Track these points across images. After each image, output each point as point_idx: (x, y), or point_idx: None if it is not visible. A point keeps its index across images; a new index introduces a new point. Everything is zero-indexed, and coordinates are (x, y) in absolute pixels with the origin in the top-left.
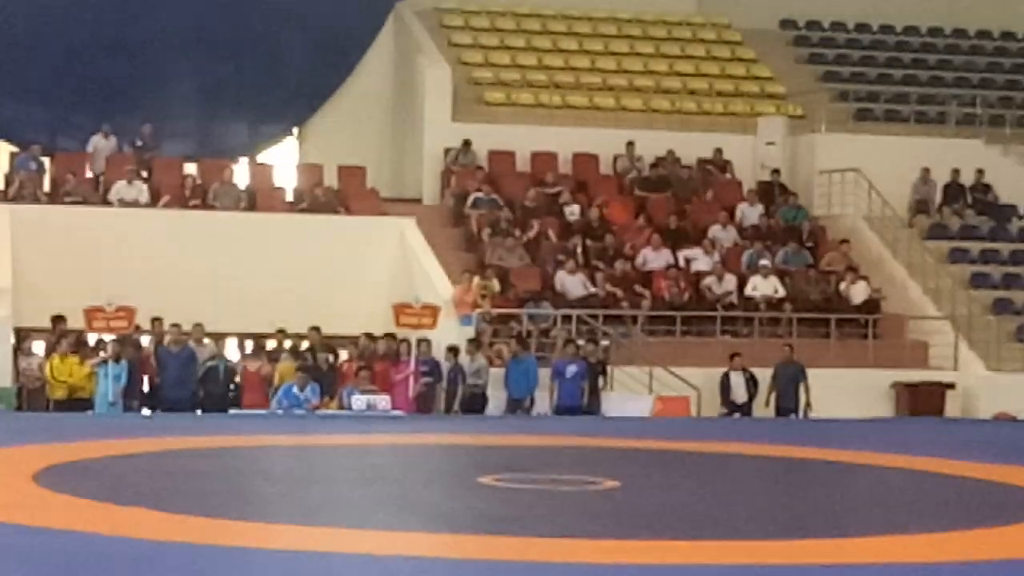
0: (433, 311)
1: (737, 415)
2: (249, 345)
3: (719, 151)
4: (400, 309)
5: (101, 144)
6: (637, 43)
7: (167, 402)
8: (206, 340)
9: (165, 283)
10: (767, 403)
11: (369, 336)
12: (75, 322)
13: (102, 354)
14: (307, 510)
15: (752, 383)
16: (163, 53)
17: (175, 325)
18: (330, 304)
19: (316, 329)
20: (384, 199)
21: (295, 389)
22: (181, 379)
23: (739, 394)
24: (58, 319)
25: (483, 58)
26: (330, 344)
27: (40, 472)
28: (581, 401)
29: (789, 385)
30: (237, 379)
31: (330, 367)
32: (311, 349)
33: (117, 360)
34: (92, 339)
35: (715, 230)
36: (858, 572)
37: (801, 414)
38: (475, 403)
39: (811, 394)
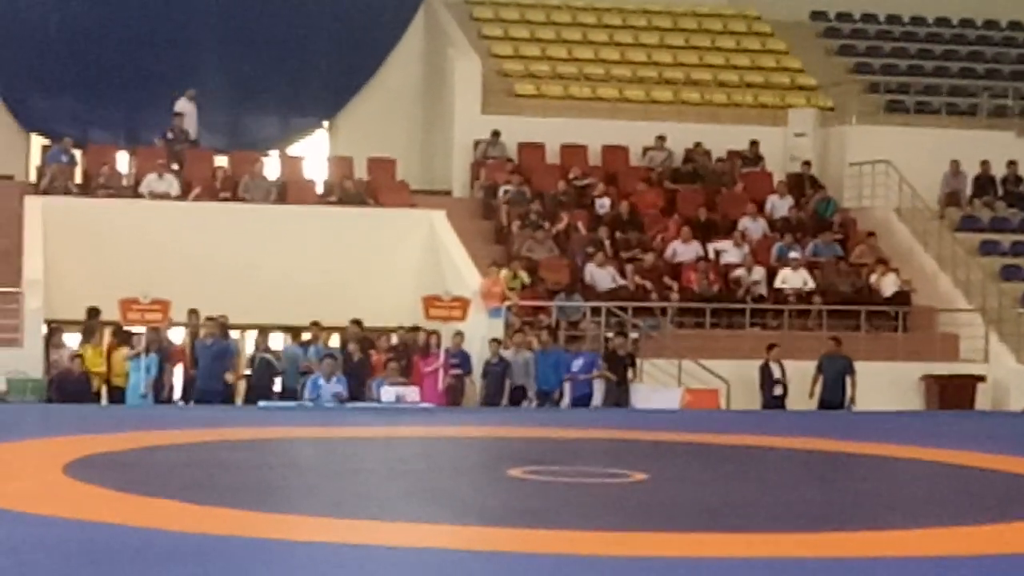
0: (463, 303)
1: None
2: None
3: (755, 143)
4: (430, 301)
5: (188, 108)
6: (667, 35)
7: (198, 394)
8: (246, 333)
9: (195, 275)
10: (811, 395)
11: (401, 328)
12: (107, 314)
13: (134, 347)
14: (336, 502)
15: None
16: (194, 47)
17: (210, 318)
18: (360, 296)
19: (357, 322)
20: (414, 191)
21: (321, 380)
22: (213, 372)
23: (778, 385)
24: (93, 311)
25: (513, 50)
26: (367, 337)
27: (70, 464)
28: (590, 391)
29: (837, 378)
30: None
31: (361, 360)
32: (343, 342)
33: (148, 353)
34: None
35: (745, 222)
36: (888, 565)
37: (847, 407)
38: (515, 396)
39: (857, 388)
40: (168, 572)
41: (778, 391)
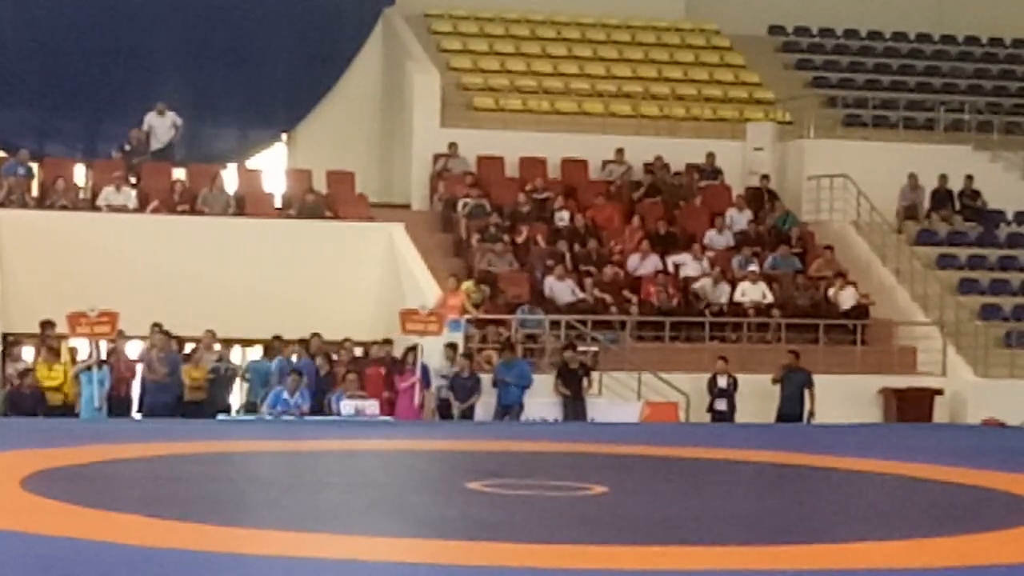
0: (440, 317)
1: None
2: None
3: (711, 156)
4: (407, 315)
5: (157, 122)
6: (626, 49)
7: (148, 407)
8: (216, 346)
9: (154, 288)
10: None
11: (351, 341)
12: (63, 327)
13: (86, 359)
14: (296, 516)
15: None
16: (153, 59)
17: (162, 332)
18: (319, 309)
19: (318, 335)
20: (373, 204)
21: (285, 394)
22: (163, 384)
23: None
24: (47, 324)
25: (472, 64)
26: (326, 350)
27: (28, 477)
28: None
29: (796, 392)
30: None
31: (327, 373)
32: (302, 355)
33: (100, 366)
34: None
35: (705, 235)
36: None
37: (805, 420)
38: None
39: (815, 401)
40: None
41: (721, 405)
